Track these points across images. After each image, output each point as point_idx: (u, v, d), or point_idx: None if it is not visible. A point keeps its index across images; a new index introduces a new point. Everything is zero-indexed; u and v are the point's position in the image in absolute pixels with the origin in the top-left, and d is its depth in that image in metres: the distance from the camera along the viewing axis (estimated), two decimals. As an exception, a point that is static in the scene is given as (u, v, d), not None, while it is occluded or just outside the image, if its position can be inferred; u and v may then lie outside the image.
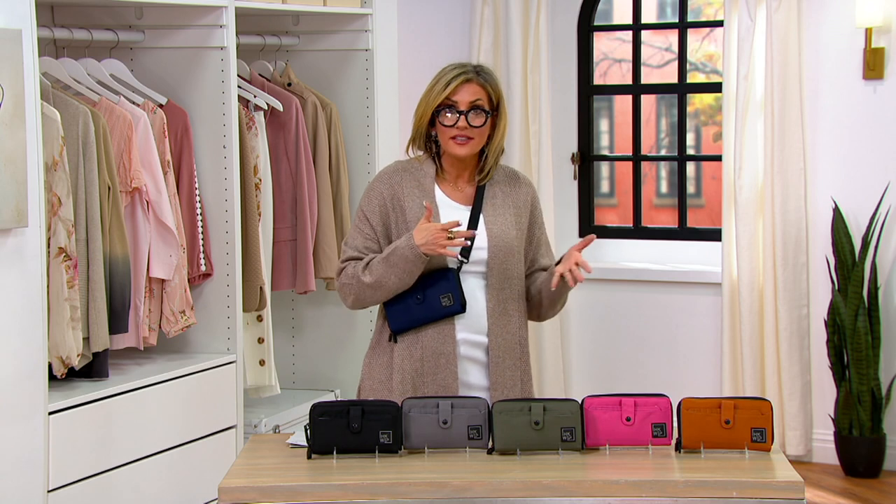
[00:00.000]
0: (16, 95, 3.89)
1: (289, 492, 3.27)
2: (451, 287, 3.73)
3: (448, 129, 3.73)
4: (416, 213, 3.76)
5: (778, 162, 6.14)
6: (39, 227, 4.02)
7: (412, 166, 3.83)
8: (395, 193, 3.78)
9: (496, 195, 3.83)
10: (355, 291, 3.76)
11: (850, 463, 6.07)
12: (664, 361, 6.58)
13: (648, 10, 6.78)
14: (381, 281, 3.71)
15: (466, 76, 3.74)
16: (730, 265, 6.30)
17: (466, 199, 3.82)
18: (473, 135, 3.73)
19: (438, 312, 3.74)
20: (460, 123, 3.72)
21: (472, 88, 3.73)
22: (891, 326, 6.12)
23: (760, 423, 3.44)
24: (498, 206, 3.80)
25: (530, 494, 3.26)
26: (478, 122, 3.72)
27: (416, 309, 3.75)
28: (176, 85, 4.80)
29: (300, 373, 5.59)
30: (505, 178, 3.87)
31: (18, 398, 3.99)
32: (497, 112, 3.78)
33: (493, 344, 3.78)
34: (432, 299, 3.73)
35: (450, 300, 3.73)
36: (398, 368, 3.78)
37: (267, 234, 5.07)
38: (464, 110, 3.72)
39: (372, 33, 5.38)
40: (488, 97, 3.75)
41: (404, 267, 3.69)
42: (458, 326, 3.77)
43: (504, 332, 3.79)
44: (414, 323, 3.76)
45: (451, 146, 3.75)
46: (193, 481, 4.63)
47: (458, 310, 3.74)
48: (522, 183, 3.90)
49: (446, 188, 3.82)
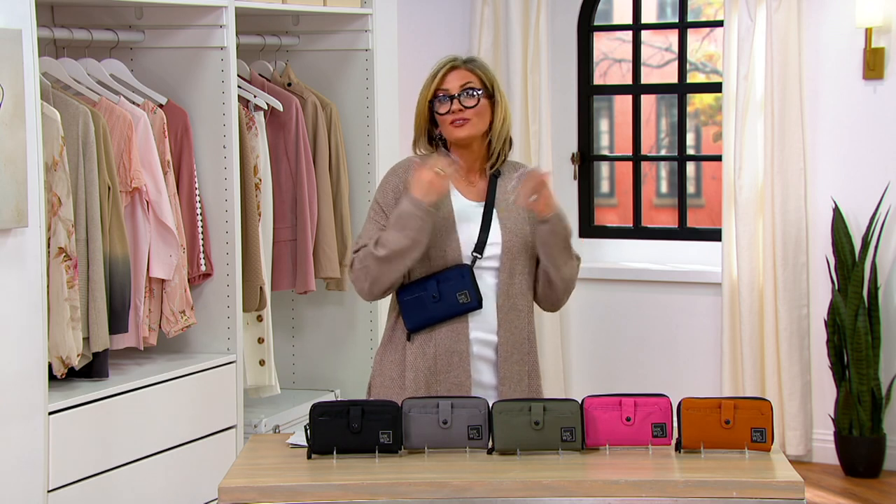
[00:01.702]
0: (16, 95, 3.89)
1: (289, 492, 3.27)
2: (467, 284, 3.73)
3: (445, 116, 3.76)
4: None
5: (778, 162, 6.14)
6: (39, 227, 4.02)
7: (425, 161, 3.83)
8: (410, 186, 3.78)
9: (508, 191, 3.83)
10: (372, 273, 3.71)
11: (850, 463, 6.07)
12: (664, 361, 6.58)
13: (648, 10, 6.78)
14: (395, 248, 3.66)
15: (454, 63, 3.79)
16: (730, 265, 6.30)
17: (479, 195, 3.83)
18: (469, 115, 3.75)
19: (456, 309, 3.73)
20: (454, 107, 3.74)
21: (461, 73, 3.77)
22: (891, 326, 6.12)
23: (760, 423, 3.44)
24: (511, 202, 3.81)
25: (530, 494, 3.26)
26: (470, 103, 3.75)
27: (433, 307, 3.74)
28: (176, 85, 4.80)
29: (300, 373, 5.59)
30: (514, 171, 3.87)
31: (18, 398, 3.99)
32: (493, 97, 3.80)
33: (502, 339, 3.78)
34: (449, 296, 3.73)
35: (467, 297, 3.72)
36: (411, 366, 3.77)
37: (267, 234, 5.06)
38: (455, 94, 3.75)
39: (372, 33, 5.38)
40: (480, 80, 3.78)
41: (414, 224, 3.66)
42: (471, 324, 3.77)
43: (512, 326, 3.79)
44: (430, 321, 3.75)
45: (450, 131, 3.77)
46: (193, 481, 4.63)
47: (476, 306, 3.74)
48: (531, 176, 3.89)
49: (459, 184, 3.82)
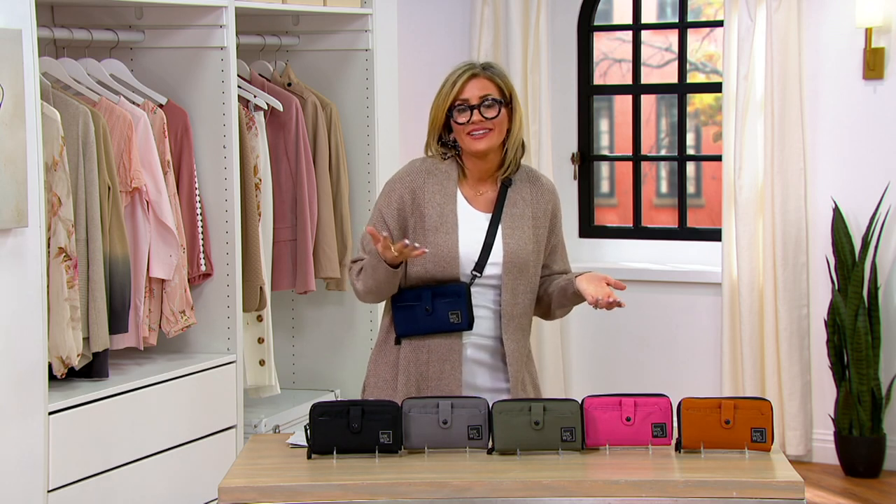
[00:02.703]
0: (16, 95, 3.89)
1: (289, 492, 3.27)
2: (461, 304, 3.70)
3: (463, 126, 3.67)
4: (435, 219, 3.70)
5: (778, 162, 6.14)
6: (39, 227, 4.02)
7: (434, 167, 3.76)
8: (416, 197, 3.72)
9: (517, 203, 3.75)
10: (361, 292, 3.78)
11: (850, 463, 6.07)
12: (664, 361, 6.57)
13: (648, 10, 6.78)
14: (371, 287, 3.72)
15: (472, 71, 3.68)
16: (730, 265, 6.30)
17: (487, 206, 3.76)
18: (490, 126, 3.66)
19: (445, 326, 3.72)
20: (474, 118, 3.65)
21: (480, 83, 3.68)
22: (891, 326, 6.12)
23: (760, 423, 3.44)
24: (517, 218, 3.74)
25: (530, 494, 3.26)
26: (491, 114, 3.66)
27: (424, 320, 3.72)
28: (176, 85, 4.80)
29: (300, 373, 5.59)
30: (527, 181, 3.80)
31: (18, 398, 3.99)
32: (511, 105, 3.71)
33: (510, 346, 3.75)
34: (441, 313, 3.70)
35: (458, 318, 3.70)
36: (403, 369, 3.77)
37: (267, 234, 5.06)
38: (475, 104, 3.66)
39: (372, 33, 5.38)
40: (499, 89, 3.69)
41: (378, 276, 3.68)
42: (464, 337, 3.75)
43: (510, 341, 3.76)
44: (420, 332, 3.74)
45: (468, 143, 3.68)
46: (193, 481, 4.63)
47: (465, 328, 3.72)
48: (545, 189, 3.82)
49: (468, 192, 3.76)
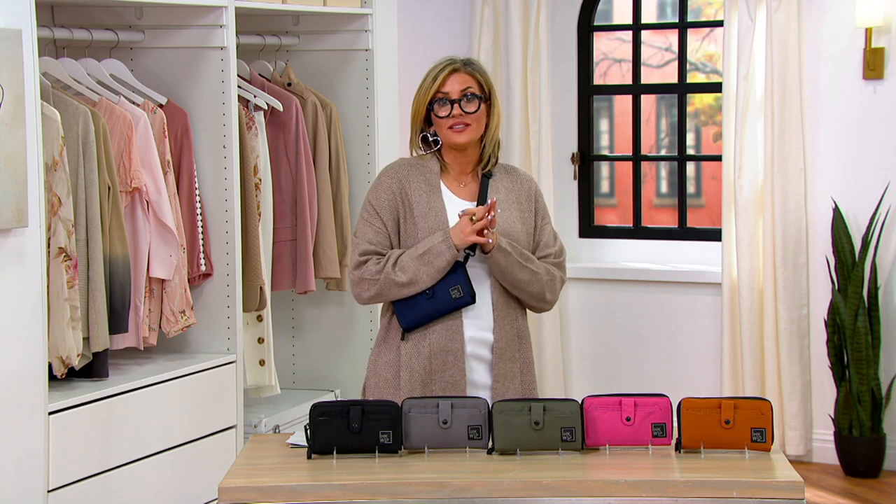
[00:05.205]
0: (16, 95, 3.89)
1: (289, 492, 3.27)
2: (460, 279, 3.74)
3: (444, 120, 3.77)
4: (423, 208, 3.79)
5: (778, 162, 6.14)
6: (39, 227, 4.02)
7: (417, 163, 3.87)
8: (403, 188, 3.81)
9: (499, 190, 3.86)
10: (380, 288, 3.76)
11: (850, 463, 6.07)
12: (664, 361, 6.57)
13: (648, 10, 6.78)
14: (415, 279, 3.72)
15: (453, 66, 3.79)
16: (730, 265, 6.30)
17: (471, 195, 3.85)
18: (469, 121, 3.77)
19: (449, 305, 3.75)
20: (455, 112, 3.76)
21: (461, 77, 3.78)
22: (891, 326, 6.12)
23: (760, 423, 3.44)
24: (502, 201, 3.83)
25: (530, 494, 3.26)
26: (471, 108, 3.77)
27: (426, 304, 3.75)
28: (176, 85, 4.80)
29: (300, 373, 5.59)
30: (505, 173, 3.91)
31: (18, 398, 3.99)
32: (490, 101, 3.81)
33: (497, 336, 3.80)
34: (441, 293, 3.74)
35: (459, 292, 3.74)
36: (406, 366, 3.78)
37: (267, 234, 5.06)
38: (456, 98, 3.76)
39: (372, 33, 5.38)
40: (479, 84, 3.79)
41: (439, 265, 3.71)
42: (465, 322, 3.78)
43: (505, 323, 3.81)
44: (424, 318, 3.76)
45: (449, 136, 3.78)
46: (193, 481, 4.63)
47: (469, 301, 3.75)
48: (522, 177, 3.93)
49: (451, 184, 3.86)
